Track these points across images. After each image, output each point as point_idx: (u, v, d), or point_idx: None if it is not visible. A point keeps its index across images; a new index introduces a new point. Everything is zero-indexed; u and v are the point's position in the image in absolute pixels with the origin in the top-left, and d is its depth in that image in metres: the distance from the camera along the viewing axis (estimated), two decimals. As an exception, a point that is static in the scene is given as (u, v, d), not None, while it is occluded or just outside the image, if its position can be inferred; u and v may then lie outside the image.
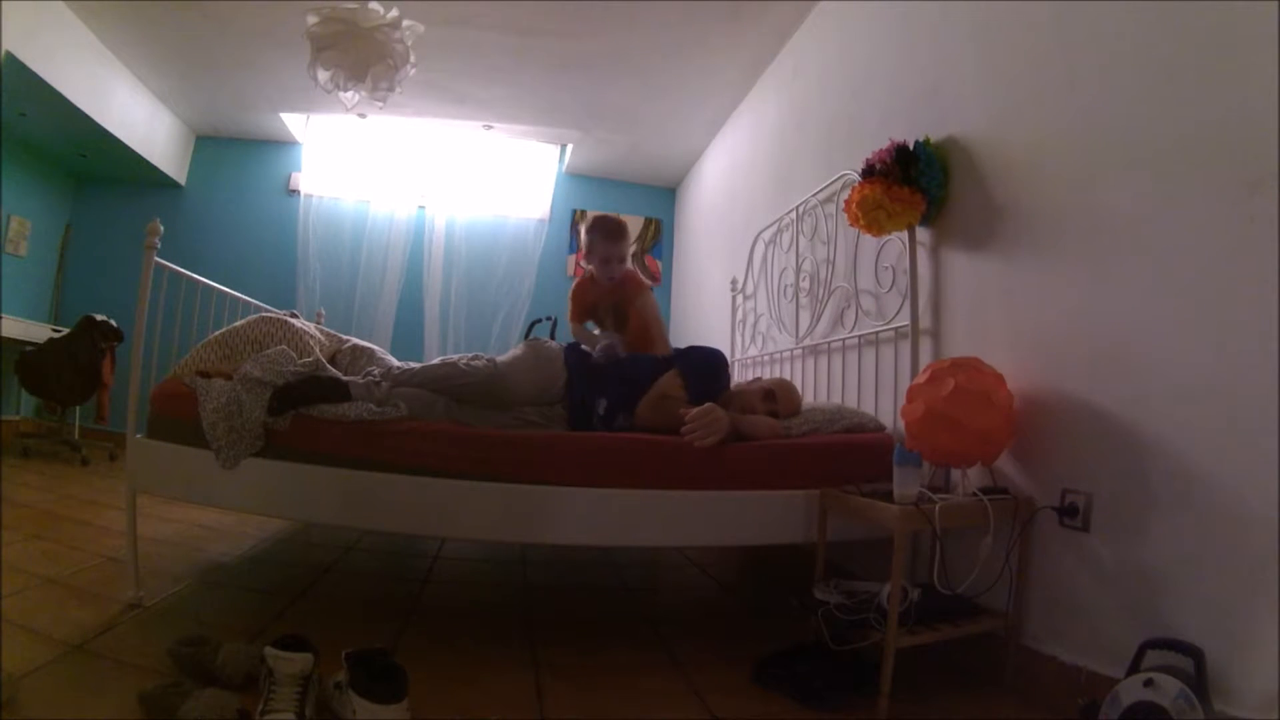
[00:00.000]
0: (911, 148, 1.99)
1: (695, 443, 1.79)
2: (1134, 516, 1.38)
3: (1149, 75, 1.42)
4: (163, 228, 1.86)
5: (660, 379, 2.04)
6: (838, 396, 2.53)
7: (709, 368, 2.09)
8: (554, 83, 4.08)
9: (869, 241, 2.31)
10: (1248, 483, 1.17)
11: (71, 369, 3.96)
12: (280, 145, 5.25)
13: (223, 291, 2.44)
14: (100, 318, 4.05)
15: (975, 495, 1.57)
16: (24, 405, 4.63)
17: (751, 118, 3.96)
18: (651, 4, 3.20)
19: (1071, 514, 1.50)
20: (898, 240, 2.15)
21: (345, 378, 1.89)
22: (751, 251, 3.51)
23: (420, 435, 1.74)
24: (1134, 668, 1.23)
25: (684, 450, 1.79)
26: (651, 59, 3.72)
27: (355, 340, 2.40)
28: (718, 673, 1.62)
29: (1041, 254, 1.68)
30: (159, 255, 1.83)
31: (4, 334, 3.97)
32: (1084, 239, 1.56)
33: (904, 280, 2.12)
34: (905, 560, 1.53)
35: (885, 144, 2.03)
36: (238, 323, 2.20)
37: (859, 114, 2.61)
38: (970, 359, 1.67)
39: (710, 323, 4.32)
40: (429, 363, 2.07)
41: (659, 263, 5.66)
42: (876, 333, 2.27)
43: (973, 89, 1.97)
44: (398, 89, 2.62)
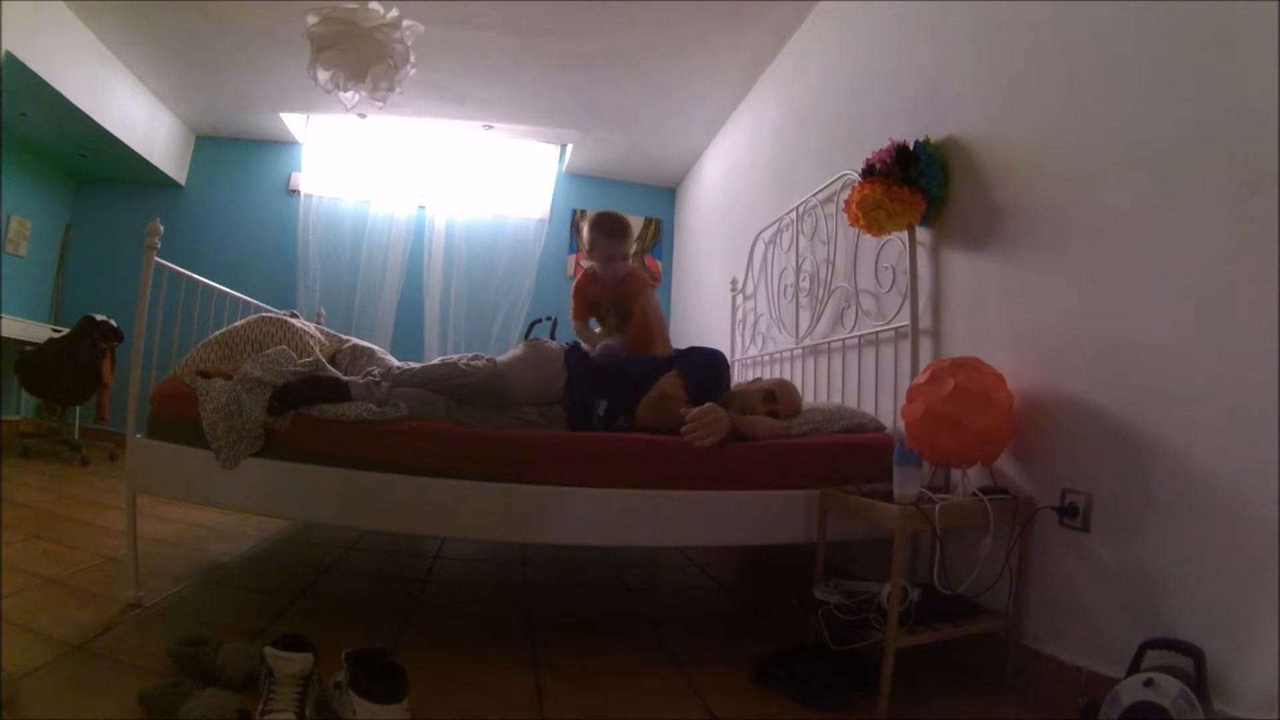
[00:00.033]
0: (911, 148, 1.99)
1: (695, 442, 1.79)
2: (1134, 516, 1.38)
3: (1149, 75, 1.42)
4: (163, 228, 1.86)
5: (660, 379, 2.04)
6: (838, 396, 2.52)
7: (709, 368, 2.09)
8: (554, 83, 4.09)
9: (869, 241, 2.31)
10: (1248, 483, 1.17)
11: (71, 369, 3.96)
12: (280, 145, 5.25)
13: (223, 291, 2.44)
14: (100, 318, 4.05)
15: (975, 495, 1.57)
16: (24, 405, 4.63)
17: (751, 118, 3.96)
18: (651, 4, 3.20)
19: (1071, 514, 1.50)
20: (898, 240, 2.15)
21: (345, 378, 1.89)
22: (751, 251, 3.51)
23: (420, 435, 1.74)
24: (1134, 668, 1.23)
25: (684, 450, 1.79)
26: (651, 59, 3.72)
27: (355, 340, 2.40)
28: (718, 673, 1.62)
29: (1041, 254, 1.68)
30: (159, 255, 1.84)
31: (4, 334, 3.98)
32: (1084, 239, 1.56)
33: (904, 280, 2.12)
34: (905, 560, 1.53)
35: (885, 144, 2.04)
36: (238, 323, 2.21)
37: (859, 114, 2.62)
38: (970, 359, 1.67)
39: (710, 323, 4.32)
40: (429, 363, 2.07)
41: (659, 263, 5.66)
42: (876, 333, 2.27)
43: (973, 89, 1.97)
44: (398, 89, 2.62)
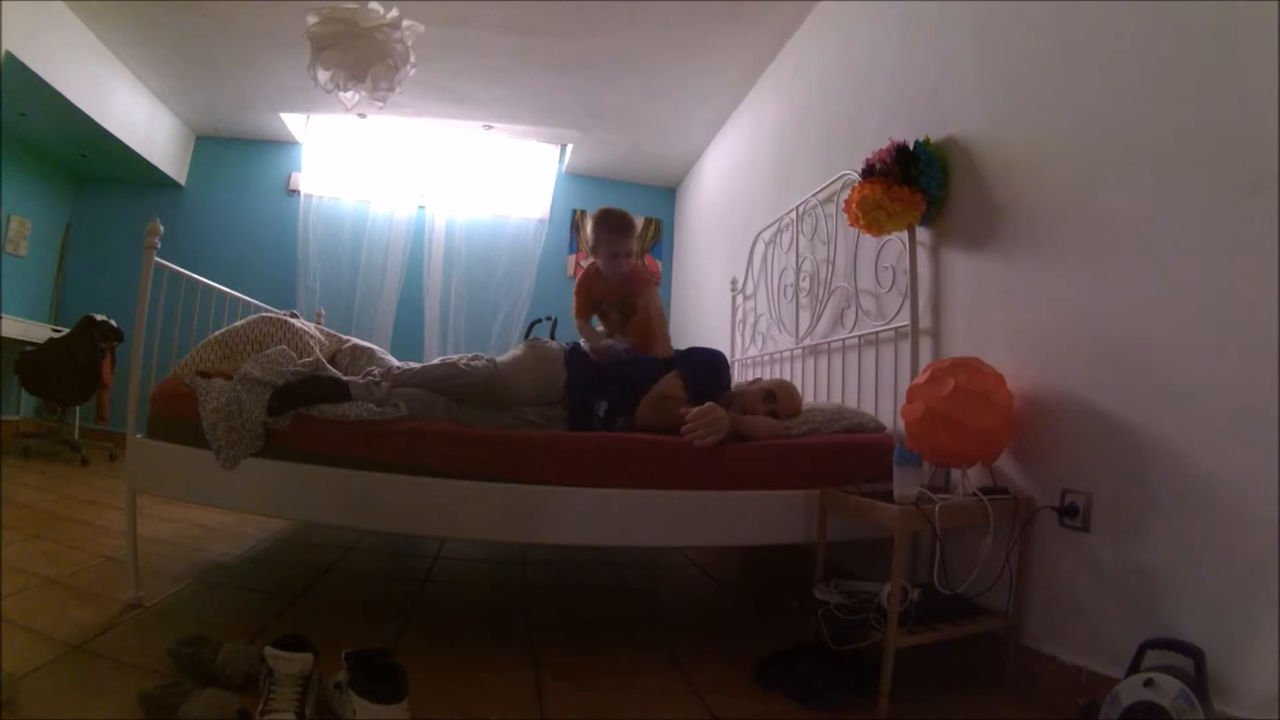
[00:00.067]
0: (911, 148, 1.99)
1: (695, 442, 1.79)
2: (1134, 516, 1.38)
3: (1149, 75, 1.42)
4: (163, 228, 1.86)
5: (661, 380, 2.04)
6: (838, 396, 2.52)
7: (709, 368, 2.09)
8: (554, 83, 4.08)
9: (869, 241, 2.31)
10: (1248, 483, 1.17)
11: (71, 369, 3.96)
12: (280, 145, 5.25)
13: (223, 291, 2.44)
14: (100, 318, 4.05)
15: (975, 495, 1.57)
16: (24, 405, 4.63)
17: (751, 118, 3.96)
18: (651, 4, 3.20)
19: (1071, 514, 1.50)
20: (898, 240, 2.15)
21: (345, 378, 1.89)
22: (751, 251, 3.51)
23: (420, 435, 1.74)
24: (1134, 668, 1.23)
25: (684, 450, 1.79)
26: (651, 59, 3.72)
27: (355, 340, 2.40)
28: (718, 673, 1.62)
29: (1041, 254, 1.68)
30: (159, 255, 1.83)
31: (4, 334, 3.98)
32: (1084, 239, 1.56)
33: (904, 280, 2.12)
34: (905, 560, 1.53)
35: (885, 144, 2.04)
36: (238, 323, 2.20)
37: (859, 114, 2.61)
38: (970, 359, 1.67)
39: (710, 323, 4.32)
40: (429, 363, 2.07)
41: (659, 263, 5.66)
42: (876, 333, 2.27)
43: (973, 89, 1.97)
44: (398, 89, 2.62)
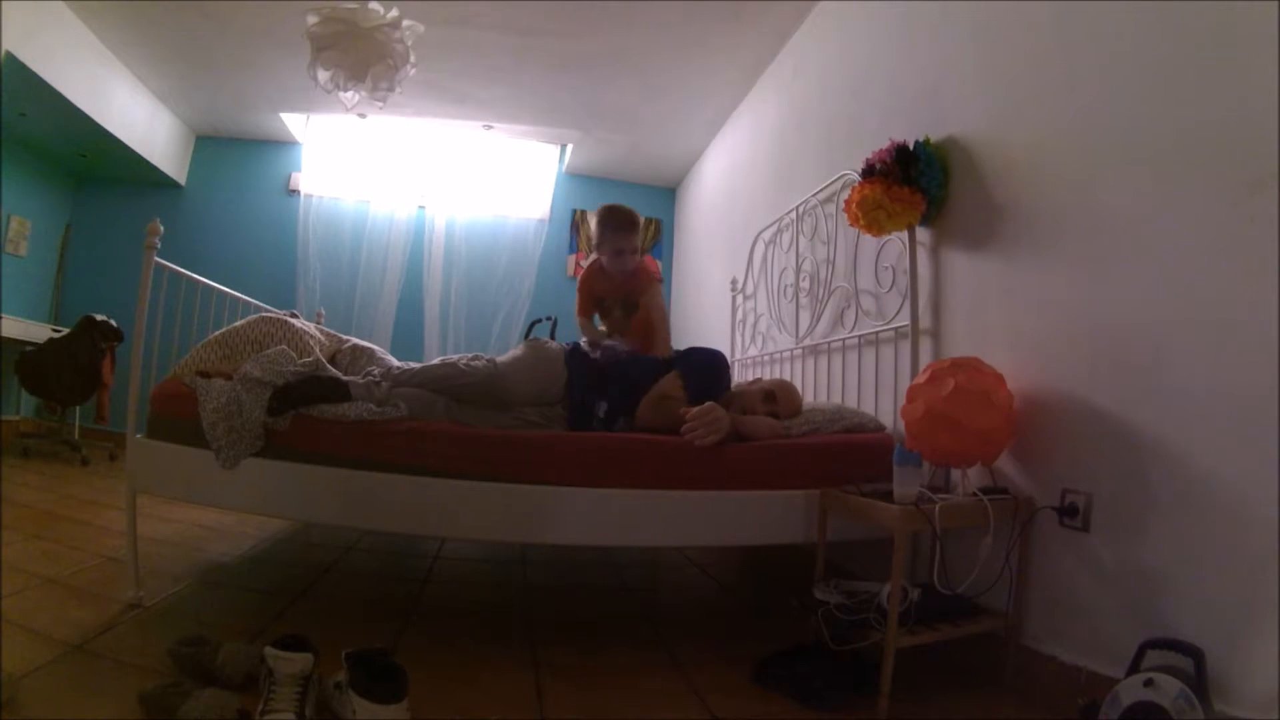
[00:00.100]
0: (911, 148, 1.99)
1: (695, 441, 1.79)
2: (1134, 516, 1.38)
3: (1149, 75, 1.42)
4: (163, 228, 1.86)
5: (660, 380, 2.04)
6: (838, 396, 2.52)
7: (709, 369, 2.09)
8: (554, 83, 4.08)
9: (869, 241, 2.31)
10: (1248, 483, 1.17)
11: (71, 369, 3.96)
12: (280, 145, 5.25)
13: (223, 291, 2.44)
14: (100, 318, 4.05)
15: (975, 495, 1.57)
16: (24, 405, 4.63)
17: (751, 118, 3.96)
18: (651, 4, 3.20)
19: (1071, 514, 1.50)
20: (898, 240, 2.15)
21: (345, 378, 1.89)
22: (751, 251, 3.51)
23: (420, 435, 1.74)
24: (1134, 668, 1.23)
25: (684, 450, 1.79)
26: (651, 59, 3.72)
27: (355, 340, 2.39)
28: (718, 673, 1.62)
29: (1041, 254, 1.68)
30: (159, 255, 1.83)
31: (4, 334, 3.98)
32: (1084, 239, 1.56)
33: (904, 280, 2.12)
34: (905, 560, 1.52)
35: (885, 144, 2.04)
36: (238, 323, 2.20)
37: (859, 114, 2.61)
38: (970, 359, 1.67)
39: (710, 323, 4.32)
40: (429, 363, 2.07)
41: (659, 263, 5.65)
42: (876, 333, 2.27)
43: (973, 89, 1.97)
44: (398, 89, 2.62)
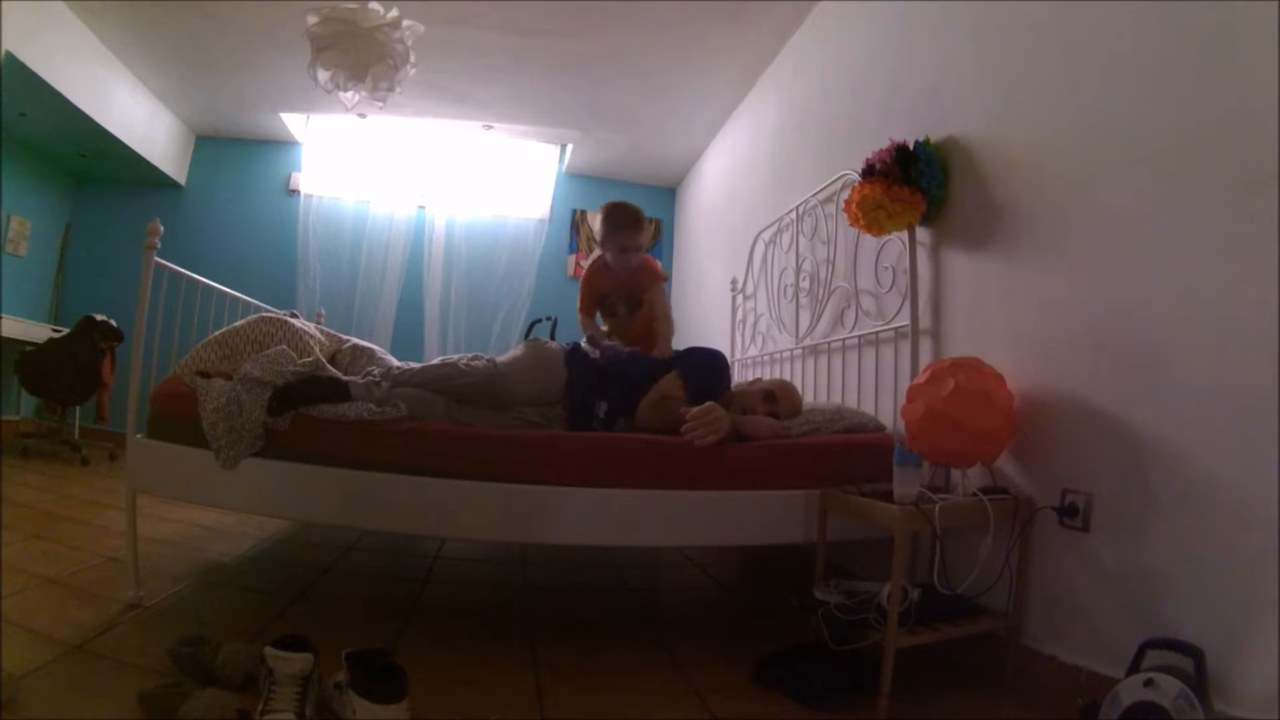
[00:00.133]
0: (911, 148, 1.99)
1: (696, 441, 1.79)
2: (1134, 516, 1.38)
3: (1149, 75, 1.42)
4: (163, 228, 1.86)
5: (660, 380, 2.04)
6: (838, 396, 2.52)
7: (709, 369, 2.09)
8: (554, 83, 4.08)
9: (869, 241, 2.31)
10: (1248, 483, 1.17)
11: (71, 369, 3.96)
12: (280, 145, 5.25)
13: (223, 291, 2.44)
14: (100, 318, 4.05)
15: (975, 495, 1.57)
16: (24, 405, 4.63)
17: (751, 118, 3.96)
18: (651, 4, 3.20)
19: (1071, 514, 1.50)
20: (898, 240, 2.15)
21: (345, 378, 1.89)
22: (751, 251, 3.51)
23: (420, 435, 1.74)
24: (1134, 668, 1.23)
25: (684, 450, 1.79)
26: (651, 59, 3.72)
27: (355, 340, 2.39)
28: (718, 673, 1.62)
29: (1041, 254, 1.68)
30: (159, 255, 1.83)
31: (4, 334, 3.98)
32: (1084, 239, 1.56)
33: (904, 280, 2.12)
34: (905, 560, 1.53)
35: (885, 144, 2.04)
36: (238, 323, 2.20)
37: (859, 114, 2.61)
38: (970, 359, 1.67)
39: (710, 323, 4.32)
40: (429, 363, 2.07)
41: (659, 263, 5.65)
42: (876, 333, 2.27)
43: (973, 89, 1.97)
44: (398, 89, 2.62)
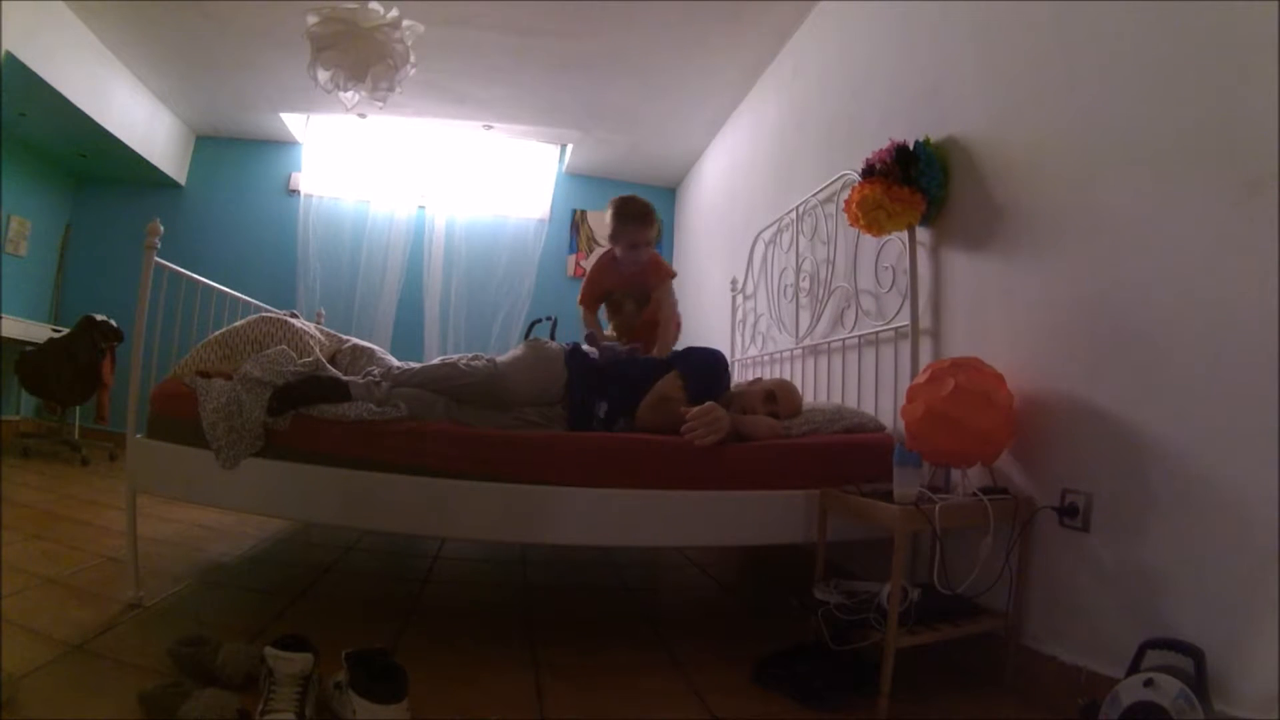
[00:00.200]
0: (911, 148, 1.99)
1: (696, 441, 1.79)
2: (1134, 516, 1.38)
3: (1149, 75, 1.42)
4: (163, 228, 1.86)
5: (660, 381, 2.04)
6: (838, 396, 2.52)
7: (709, 369, 2.09)
8: (554, 83, 4.08)
9: (869, 241, 2.31)
10: (1248, 483, 1.17)
11: (71, 369, 3.96)
12: (280, 145, 5.25)
13: (223, 291, 2.44)
14: (100, 318, 4.05)
15: (975, 495, 1.57)
16: (24, 405, 4.63)
17: (751, 118, 3.96)
18: (651, 4, 3.20)
19: (1071, 514, 1.50)
20: (898, 240, 2.15)
21: (345, 378, 1.89)
22: (751, 251, 3.50)
23: (420, 435, 1.74)
24: (1134, 668, 1.23)
25: (684, 450, 1.79)
26: (651, 59, 3.72)
27: (355, 340, 2.39)
28: (718, 673, 1.62)
29: (1042, 254, 1.68)
30: (159, 255, 1.83)
31: (4, 334, 3.98)
32: (1084, 239, 1.56)
33: (904, 280, 2.12)
34: (905, 560, 1.52)
35: (885, 144, 2.03)
36: (238, 323, 2.20)
37: (859, 114, 2.61)
38: (970, 359, 1.67)
39: (710, 323, 4.32)
40: (429, 363, 2.06)
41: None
42: (876, 333, 2.27)
43: (973, 89, 1.97)
44: (398, 89, 2.62)
